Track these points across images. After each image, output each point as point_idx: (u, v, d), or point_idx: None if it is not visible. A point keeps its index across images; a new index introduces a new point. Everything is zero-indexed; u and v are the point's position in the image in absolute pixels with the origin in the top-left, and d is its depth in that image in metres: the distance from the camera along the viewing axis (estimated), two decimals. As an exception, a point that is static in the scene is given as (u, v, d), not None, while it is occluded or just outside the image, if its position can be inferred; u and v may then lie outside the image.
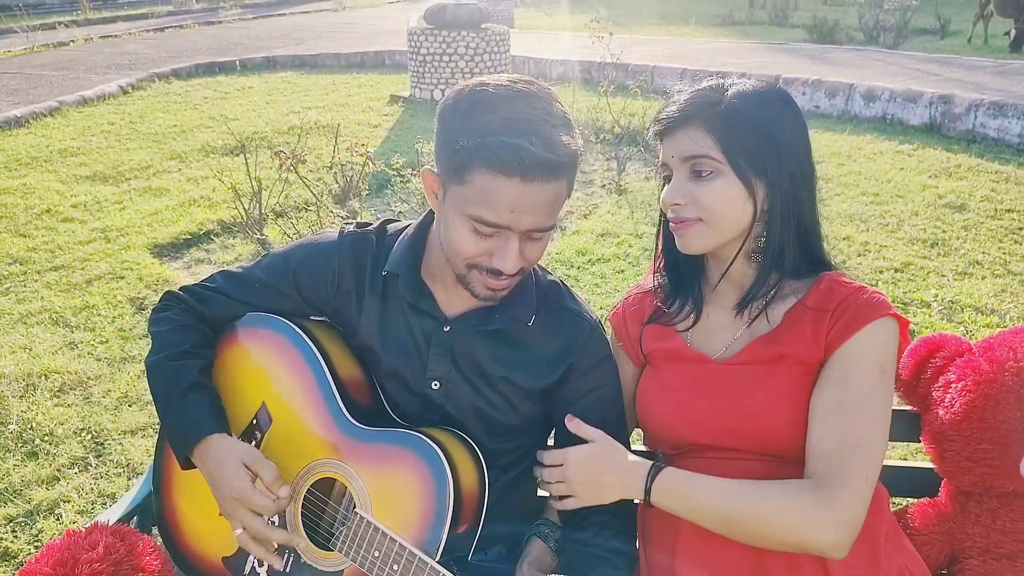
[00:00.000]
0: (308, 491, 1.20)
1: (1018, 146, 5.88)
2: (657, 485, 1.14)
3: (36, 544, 2.26)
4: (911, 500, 1.42)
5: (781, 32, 13.14)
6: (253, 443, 1.25)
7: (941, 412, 1.29)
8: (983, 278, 3.81)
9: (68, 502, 2.43)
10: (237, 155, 5.82)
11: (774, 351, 1.17)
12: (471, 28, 7.74)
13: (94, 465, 2.61)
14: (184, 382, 1.21)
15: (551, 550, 1.29)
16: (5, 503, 2.43)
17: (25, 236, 4.58)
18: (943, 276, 3.83)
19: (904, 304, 3.57)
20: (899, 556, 1.17)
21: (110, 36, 13.69)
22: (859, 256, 4.11)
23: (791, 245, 1.17)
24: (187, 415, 1.19)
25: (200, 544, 1.28)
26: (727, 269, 1.20)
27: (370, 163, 4.39)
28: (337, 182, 4.88)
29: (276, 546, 1.17)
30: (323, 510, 1.20)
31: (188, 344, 1.25)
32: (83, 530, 1.28)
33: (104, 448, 2.69)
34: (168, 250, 4.45)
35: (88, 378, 3.08)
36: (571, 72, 8.95)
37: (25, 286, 3.94)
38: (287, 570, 1.19)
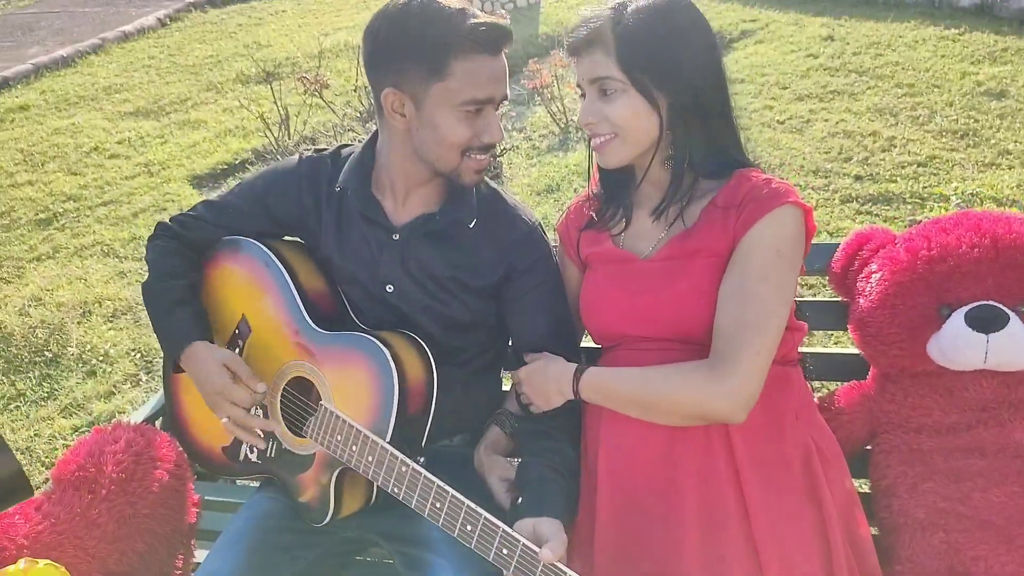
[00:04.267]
0: (284, 388, 1.39)
1: (1076, 23, 5.52)
2: (582, 385, 1.29)
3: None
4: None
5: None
6: (237, 350, 1.44)
7: (861, 300, 1.38)
8: (1010, 168, 3.71)
9: (123, 413, 2.73)
10: (269, 83, 5.96)
11: (690, 246, 1.27)
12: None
13: (144, 380, 2.90)
14: (171, 299, 1.40)
15: (507, 435, 1.45)
16: (70, 415, 2.76)
17: (76, 174, 4.87)
18: (966, 169, 3.74)
19: (922, 199, 3.52)
20: (808, 430, 1.29)
21: (147, -32, 13.75)
22: (883, 152, 4.02)
23: (699, 150, 1.25)
24: (174, 326, 1.38)
25: (203, 436, 1.49)
26: (644, 175, 1.30)
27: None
28: (362, 103, 4.98)
29: (260, 432, 1.37)
30: (297, 403, 1.38)
31: (173, 267, 1.43)
32: (109, 427, 1.51)
33: (152, 365, 2.98)
34: (206, 181, 4.68)
35: (137, 304, 3.37)
36: None
37: (79, 221, 4.25)
38: (271, 454, 1.40)
